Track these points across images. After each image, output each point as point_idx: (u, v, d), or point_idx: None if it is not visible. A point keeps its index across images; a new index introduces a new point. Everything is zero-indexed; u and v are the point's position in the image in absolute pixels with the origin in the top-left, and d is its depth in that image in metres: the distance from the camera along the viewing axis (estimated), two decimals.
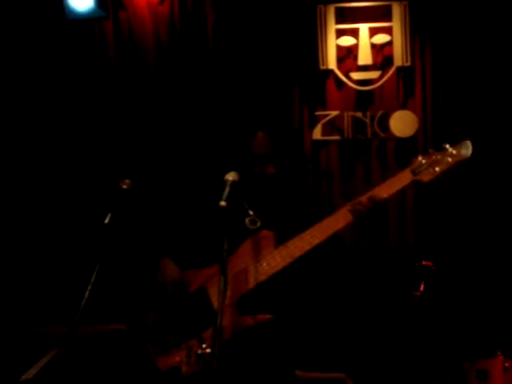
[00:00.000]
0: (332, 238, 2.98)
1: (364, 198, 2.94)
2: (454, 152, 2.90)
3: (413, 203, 5.48)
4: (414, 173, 2.95)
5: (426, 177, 2.93)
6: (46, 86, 5.64)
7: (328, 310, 5.25)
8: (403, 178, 2.97)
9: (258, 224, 2.96)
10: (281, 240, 3.04)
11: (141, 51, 5.70)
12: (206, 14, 5.65)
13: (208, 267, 3.11)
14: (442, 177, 2.92)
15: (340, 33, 5.58)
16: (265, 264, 3.02)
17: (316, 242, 2.97)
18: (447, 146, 2.92)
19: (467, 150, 2.89)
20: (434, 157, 2.93)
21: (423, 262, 4.71)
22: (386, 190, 2.96)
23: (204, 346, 2.96)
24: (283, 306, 3.17)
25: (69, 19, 5.47)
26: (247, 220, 2.99)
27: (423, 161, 2.94)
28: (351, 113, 5.56)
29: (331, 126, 5.58)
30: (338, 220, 2.97)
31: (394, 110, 5.51)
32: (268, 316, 3.02)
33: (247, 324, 3.01)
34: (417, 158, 2.97)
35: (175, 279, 3.13)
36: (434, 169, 2.92)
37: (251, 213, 2.93)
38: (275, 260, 3.01)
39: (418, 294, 4.70)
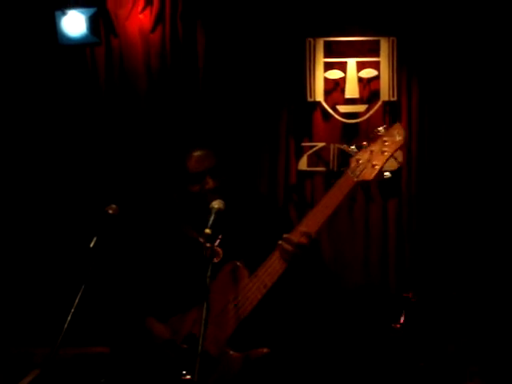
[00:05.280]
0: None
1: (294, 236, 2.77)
2: (388, 140, 2.75)
3: (396, 235, 5.54)
4: (355, 174, 2.75)
5: (368, 175, 2.74)
6: (36, 110, 5.67)
7: (308, 341, 5.22)
8: (346, 183, 2.76)
9: (219, 254, 2.90)
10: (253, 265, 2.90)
11: (131, 78, 5.75)
12: (197, 42, 5.71)
13: (191, 311, 2.97)
14: (382, 170, 2.76)
15: (328, 66, 5.64)
16: (242, 299, 2.85)
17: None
18: (380, 130, 2.78)
19: (400, 134, 2.75)
20: (369, 151, 2.76)
21: (403, 294, 4.75)
22: (332, 202, 2.78)
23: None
24: (273, 336, 2.99)
25: (61, 44, 5.54)
26: (205, 253, 2.88)
27: (360, 159, 2.76)
28: (337, 145, 5.60)
29: (317, 158, 5.64)
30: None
31: None
32: (264, 350, 2.82)
33: (242, 365, 2.82)
34: (354, 156, 2.78)
35: (165, 339, 3.00)
36: (373, 165, 2.74)
37: (208, 245, 2.77)
38: (252, 293, 2.85)
39: (397, 326, 4.73)
